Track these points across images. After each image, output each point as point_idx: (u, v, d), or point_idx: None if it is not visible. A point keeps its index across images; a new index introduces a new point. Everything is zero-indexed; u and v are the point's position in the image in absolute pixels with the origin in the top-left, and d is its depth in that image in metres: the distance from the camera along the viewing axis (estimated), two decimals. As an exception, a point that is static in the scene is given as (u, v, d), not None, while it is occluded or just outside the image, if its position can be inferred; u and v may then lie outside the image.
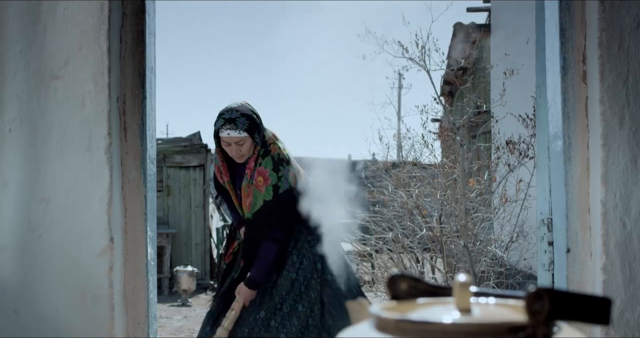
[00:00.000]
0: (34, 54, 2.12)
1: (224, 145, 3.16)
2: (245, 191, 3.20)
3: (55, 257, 2.10)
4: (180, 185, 9.64)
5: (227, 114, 3.11)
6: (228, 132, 3.09)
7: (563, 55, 2.09)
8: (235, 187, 3.29)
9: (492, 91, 6.97)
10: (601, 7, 1.99)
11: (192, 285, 8.20)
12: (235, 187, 3.29)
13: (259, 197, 3.14)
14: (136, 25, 2.23)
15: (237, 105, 3.18)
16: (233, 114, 3.10)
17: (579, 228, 2.06)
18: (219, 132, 3.12)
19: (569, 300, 0.77)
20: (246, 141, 3.11)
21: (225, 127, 3.09)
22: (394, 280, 0.92)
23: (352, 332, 0.85)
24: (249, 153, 3.16)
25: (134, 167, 2.21)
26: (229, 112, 3.12)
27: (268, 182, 3.12)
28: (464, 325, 0.76)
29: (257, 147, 3.15)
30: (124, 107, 2.20)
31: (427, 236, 4.25)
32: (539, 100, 2.35)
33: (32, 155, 2.11)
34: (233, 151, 3.15)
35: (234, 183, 3.30)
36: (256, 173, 3.15)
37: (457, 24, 9.65)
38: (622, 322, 1.96)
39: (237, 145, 3.12)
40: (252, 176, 3.17)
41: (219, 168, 3.32)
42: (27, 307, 2.10)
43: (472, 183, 4.28)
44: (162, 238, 8.81)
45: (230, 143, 3.12)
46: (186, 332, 6.52)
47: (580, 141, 2.06)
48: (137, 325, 2.21)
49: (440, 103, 4.56)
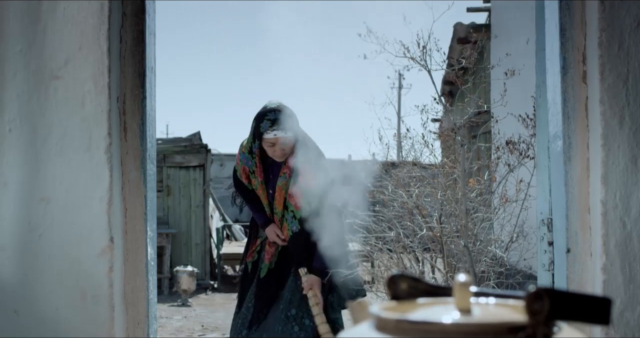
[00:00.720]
0: (34, 54, 2.12)
1: (266, 145, 3.22)
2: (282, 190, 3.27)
3: (55, 257, 2.10)
4: (180, 185, 9.65)
5: (271, 114, 3.19)
6: (275, 133, 3.17)
7: (563, 55, 2.09)
8: (267, 186, 3.35)
9: (492, 91, 6.97)
10: (601, 7, 1.99)
11: (192, 285, 8.20)
12: (268, 186, 3.35)
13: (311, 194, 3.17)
14: (136, 25, 2.23)
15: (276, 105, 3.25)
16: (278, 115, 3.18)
17: (579, 228, 2.06)
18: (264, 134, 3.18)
19: (569, 300, 0.77)
20: (291, 141, 3.20)
21: (272, 128, 3.16)
22: (394, 280, 0.92)
23: (352, 332, 0.85)
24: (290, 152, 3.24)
25: (134, 167, 2.21)
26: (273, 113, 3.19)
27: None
28: (464, 325, 0.76)
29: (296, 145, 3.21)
30: (124, 107, 2.20)
31: (427, 236, 4.25)
32: (539, 100, 2.35)
33: (32, 155, 2.11)
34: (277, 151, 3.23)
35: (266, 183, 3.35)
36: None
37: (457, 24, 9.65)
38: (622, 322, 1.96)
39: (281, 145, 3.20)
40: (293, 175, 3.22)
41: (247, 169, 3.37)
42: (27, 307, 2.10)
43: (472, 183, 4.27)
44: (162, 238, 8.82)
45: (276, 143, 3.20)
46: (186, 332, 6.52)
47: (580, 141, 2.06)
48: (137, 325, 2.21)
49: (441, 103, 4.56)
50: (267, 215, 3.39)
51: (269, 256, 3.41)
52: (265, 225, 3.39)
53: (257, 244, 3.47)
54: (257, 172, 3.33)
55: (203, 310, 7.77)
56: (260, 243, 3.46)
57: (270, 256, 3.41)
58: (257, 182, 3.36)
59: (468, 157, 4.18)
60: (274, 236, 3.37)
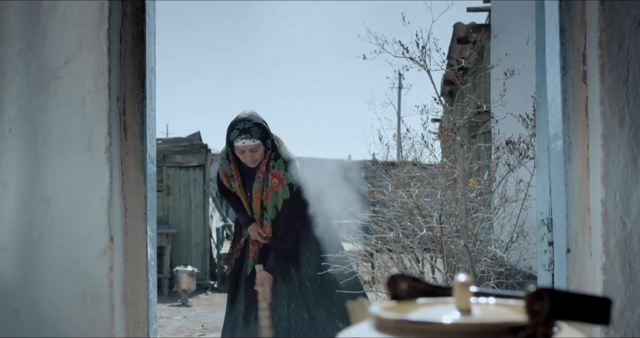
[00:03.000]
0: (34, 53, 2.12)
1: (238, 152, 3.48)
2: (258, 193, 3.51)
3: (55, 257, 2.10)
4: (180, 185, 9.64)
5: (240, 124, 3.44)
6: (243, 141, 3.42)
7: (563, 55, 2.09)
8: (245, 189, 3.60)
9: (492, 91, 6.97)
10: (601, 7, 1.99)
11: (192, 285, 8.20)
12: (246, 189, 3.60)
13: (278, 197, 3.45)
14: (136, 25, 2.23)
15: (248, 114, 3.50)
16: (246, 124, 3.43)
17: (579, 228, 2.06)
18: (234, 142, 3.44)
19: (569, 300, 0.77)
20: (259, 148, 3.45)
21: (240, 137, 3.41)
22: (394, 280, 0.91)
23: (352, 332, 0.85)
24: (261, 158, 3.48)
25: (134, 167, 2.21)
26: (242, 123, 3.44)
27: (283, 182, 3.45)
28: (464, 325, 0.76)
29: (268, 152, 3.48)
30: (124, 107, 2.20)
31: (427, 236, 4.25)
32: (539, 100, 2.35)
33: (32, 155, 2.11)
34: (247, 158, 3.47)
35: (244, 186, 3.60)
36: (270, 175, 3.47)
37: (457, 24, 9.65)
38: (622, 322, 1.96)
39: (251, 152, 3.44)
40: (266, 178, 3.48)
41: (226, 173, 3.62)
42: (27, 307, 2.10)
43: (472, 183, 4.27)
44: (162, 238, 8.81)
45: (245, 150, 3.44)
46: (186, 332, 6.52)
47: (580, 141, 2.06)
48: (137, 325, 2.21)
49: (441, 103, 4.56)
50: (248, 215, 3.63)
51: (252, 254, 3.61)
52: (248, 224, 3.61)
53: (240, 242, 3.69)
54: (235, 176, 3.59)
55: (203, 310, 7.77)
56: (244, 241, 3.68)
57: (254, 254, 3.61)
58: (235, 186, 3.61)
59: (468, 157, 4.17)
60: (256, 234, 3.58)
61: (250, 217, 3.62)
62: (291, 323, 3.46)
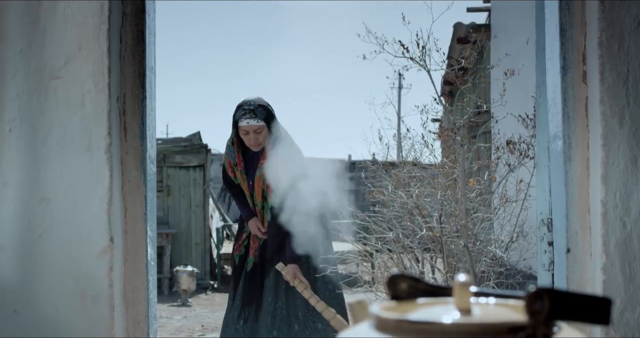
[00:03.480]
0: (34, 54, 2.12)
1: (242, 133, 3.47)
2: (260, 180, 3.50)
3: (55, 257, 2.10)
4: (180, 185, 9.64)
5: (246, 105, 3.45)
6: (247, 121, 3.42)
7: (563, 55, 2.09)
8: (247, 177, 3.58)
9: (492, 91, 6.97)
10: (601, 7, 1.99)
11: (192, 285, 8.20)
12: (248, 177, 3.58)
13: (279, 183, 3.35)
14: (136, 25, 2.23)
15: (254, 98, 3.51)
16: (252, 105, 3.44)
17: (579, 228, 2.06)
18: (239, 122, 3.44)
19: (569, 300, 0.77)
20: (263, 130, 3.44)
21: (245, 117, 3.42)
22: (394, 280, 0.91)
23: (352, 332, 0.85)
24: (264, 142, 3.46)
25: (134, 167, 2.21)
26: (248, 104, 3.45)
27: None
28: (464, 325, 0.76)
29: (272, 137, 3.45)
30: (124, 107, 2.20)
31: (427, 236, 4.25)
32: (539, 100, 2.35)
33: (32, 155, 2.11)
34: (251, 140, 3.46)
35: (247, 173, 3.59)
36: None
37: (457, 24, 9.65)
38: (622, 322, 1.96)
39: (255, 133, 3.43)
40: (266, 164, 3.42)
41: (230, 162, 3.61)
42: (27, 307, 2.10)
43: (472, 183, 4.27)
44: (162, 238, 8.81)
45: (249, 131, 3.43)
46: (186, 332, 6.52)
47: (580, 141, 2.06)
48: (137, 325, 2.21)
49: (441, 103, 4.56)
50: (250, 209, 3.61)
51: (253, 250, 3.61)
52: (249, 219, 3.60)
53: (243, 238, 3.67)
54: (238, 162, 3.57)
55: (203, 310, 7.77)
56: (246, 237, 3.66)
57: (255, 250, 3.60)
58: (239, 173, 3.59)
59: (468, 157, 4.18)
60: (256, 229, 3.58)
61: (252, 211, 3.60)
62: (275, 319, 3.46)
